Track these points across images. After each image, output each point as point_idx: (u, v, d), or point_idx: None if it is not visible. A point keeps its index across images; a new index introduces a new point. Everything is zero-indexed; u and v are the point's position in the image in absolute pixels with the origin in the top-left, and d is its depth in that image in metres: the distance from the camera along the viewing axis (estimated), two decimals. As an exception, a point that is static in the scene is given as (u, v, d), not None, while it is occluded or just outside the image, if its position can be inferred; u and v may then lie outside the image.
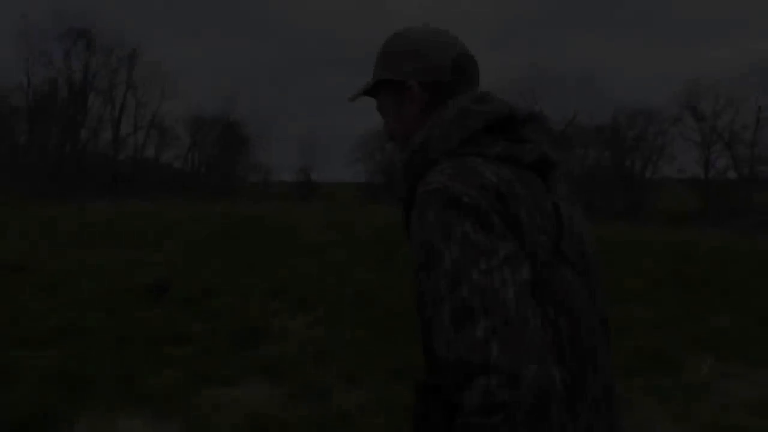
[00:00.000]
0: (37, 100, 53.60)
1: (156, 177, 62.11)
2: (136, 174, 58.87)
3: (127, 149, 61.32)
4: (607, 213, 55.27)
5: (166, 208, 28.55)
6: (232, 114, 67.46)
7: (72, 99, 54.37)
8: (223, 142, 67.44)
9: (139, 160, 61.45)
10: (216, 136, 68.33)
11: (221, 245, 13.64)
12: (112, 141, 58.10)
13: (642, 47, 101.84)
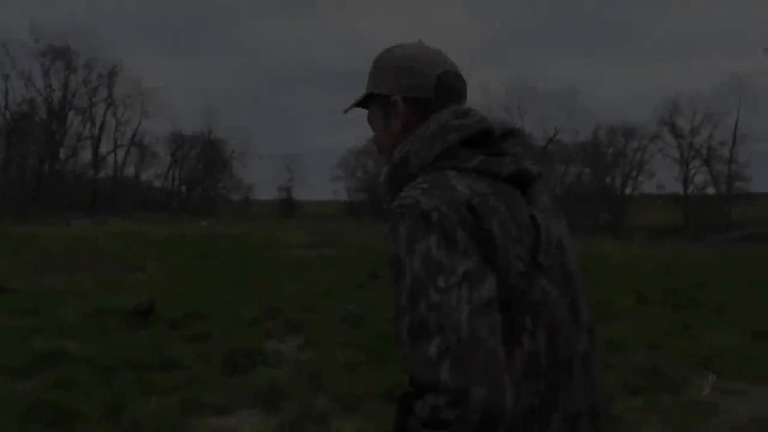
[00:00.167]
0: (15, 119, 52.91)
1: (136, 196, 61.51)
2: (116, 193, 58.24)
3: (106, 168, 60.77)
4: (588, 229, 55.82)
5: (147, 228, 28.20)
6: (212, 132, 67.31)
7: (51, 118, 53.75)
8: (203, 160, 67.07)
9: (119, 179, 60.83)
10: (197, 155, 67.96)
11: (204, 265, 13.42)
12: (92, 160, 57.49)
13: (622, 65, 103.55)
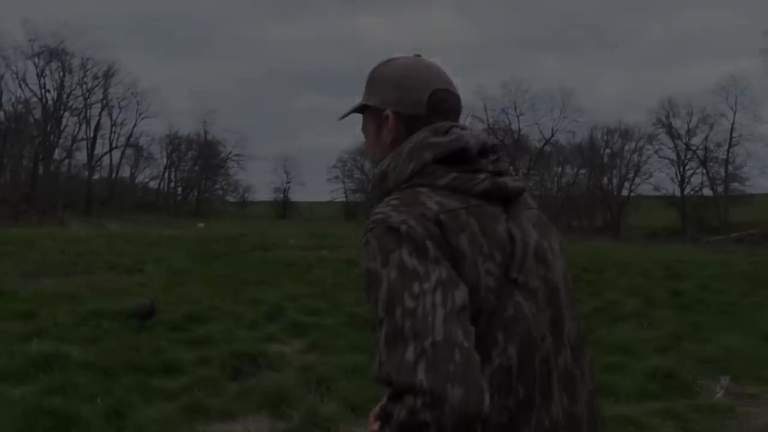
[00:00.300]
0: (9, 121, 52.60)
1: (131, 197, 61.21)
2: (112, 194, 57.96)
3: (102, 169, 60.46)
4: (585, 230, 55.80)
5: (144, 229, 28.01)
6: (209, 134, 67.08)
7: (46, 119, 53.44)
8: (200, 161, 66.81)
9: (115, 181, 60.53)
10: (193, 156, 67.70)
11: (203, 267, 13.28)
12: (87, 161, 57.20)
13: (618, 66, 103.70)
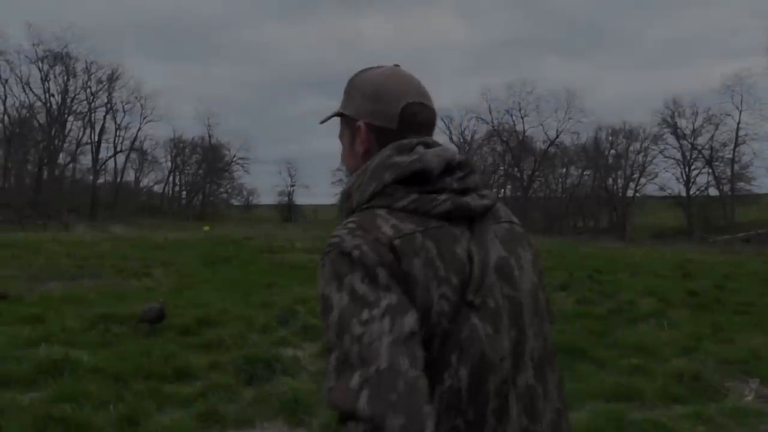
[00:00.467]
0: (14, 125, 52.63)
1: (136, 201, 61.19)
2: (116, 198, 57.94)
3: (106, 173, 60.48)
4: (590, 231, 55.55)
5: (149, 233, 27.91)
6: (213, 137, 67.06)
7: (50, 123, 53.46)
8: (204, 165, 66.74)
9: (119, 184, 60.52)
10: (197, 160, 67.65)
11: (210, 270, 13.15)
12: (92, 165, 57.19)
13: (622, 67, 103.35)
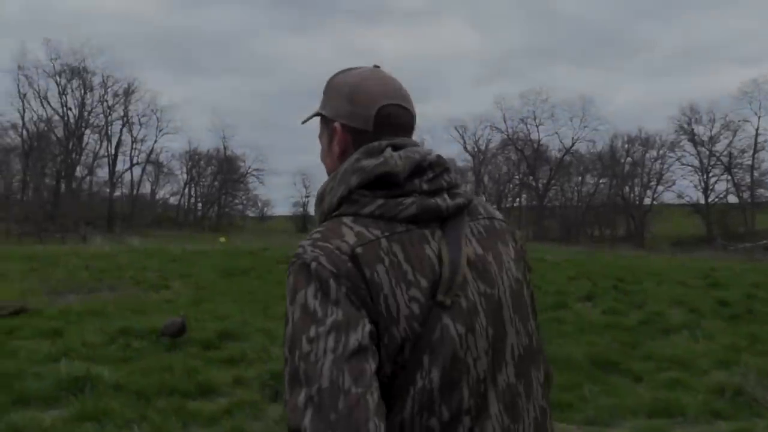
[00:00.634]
0: (32, 139, 53.21)
1: (152, 213, 61.55)
2: (133, 210, 58.32)
3: (123, 186, 60.96)
4: (607, 240, 55.00)
5: (165, 245, 27.93)
6: (228, 149, 67.37)
7: (68, 136, 53.99)
8: (219, 177, 67.05)
9: (135, 197, 60.95)
10: (212, 171, 67.99)
11: (229, 282, 13.06)
12: (109, 178, 57.67)
13: (636, 74, 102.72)
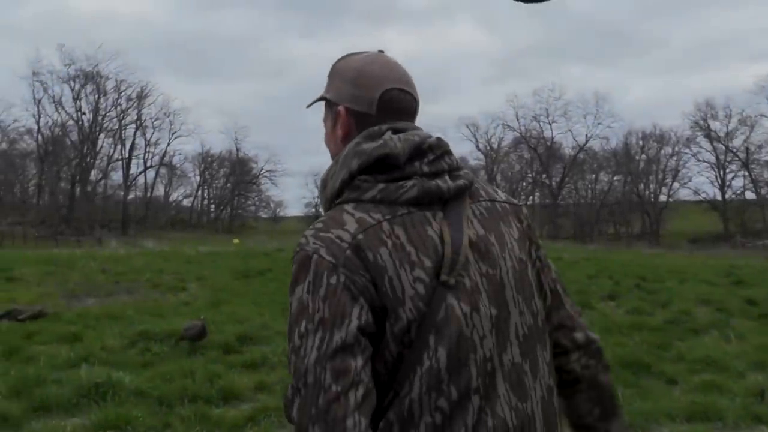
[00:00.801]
0: (47, 144, 53.61)
1: (165, 215, 61.85)
2: (147, 213, 58.62)
3: (137, 189, 61.31)
4: (623, 238, 54.47)
5: (179, 247, 27.97)
6: (240, 151, 67.55)
7: (82, 140, 54.35)
8: (232, 179, 67.24)
9: (149, 199, 61.28)
10: (225, 173, 68.19)
11: (246, 284, 12.98)
12: (123, 181, 58.01)
13: (650, 71, 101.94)
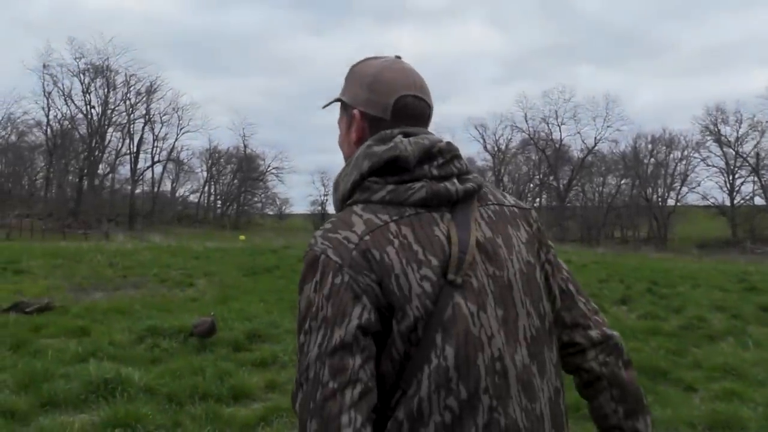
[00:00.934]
0: (56, 137, 53.74)
1: (172, 210, 61.94)
2: (154, 208, 58.71)
3: (144, 183, 61.41)
4: (630, 242, 54.19)
5: (186, 242, 27.96)
6: (248, 147, 67.57)
7: (91, 134, 54.46)
8: (239, 175, 67.28)
9: (156, 194, 61.38)
10: (232, 170, 68.25)
11: (252, 280, 12.92)
12: (130, 175, 58.11)
13: (660, 74, 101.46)
